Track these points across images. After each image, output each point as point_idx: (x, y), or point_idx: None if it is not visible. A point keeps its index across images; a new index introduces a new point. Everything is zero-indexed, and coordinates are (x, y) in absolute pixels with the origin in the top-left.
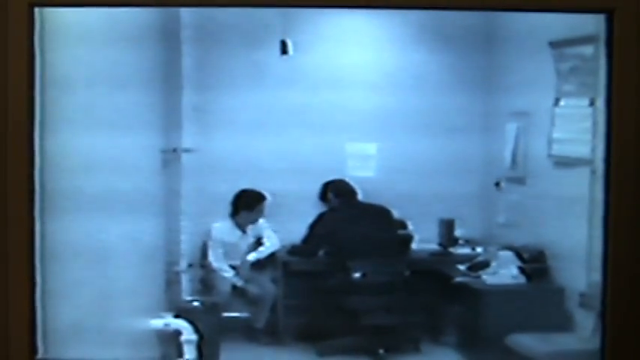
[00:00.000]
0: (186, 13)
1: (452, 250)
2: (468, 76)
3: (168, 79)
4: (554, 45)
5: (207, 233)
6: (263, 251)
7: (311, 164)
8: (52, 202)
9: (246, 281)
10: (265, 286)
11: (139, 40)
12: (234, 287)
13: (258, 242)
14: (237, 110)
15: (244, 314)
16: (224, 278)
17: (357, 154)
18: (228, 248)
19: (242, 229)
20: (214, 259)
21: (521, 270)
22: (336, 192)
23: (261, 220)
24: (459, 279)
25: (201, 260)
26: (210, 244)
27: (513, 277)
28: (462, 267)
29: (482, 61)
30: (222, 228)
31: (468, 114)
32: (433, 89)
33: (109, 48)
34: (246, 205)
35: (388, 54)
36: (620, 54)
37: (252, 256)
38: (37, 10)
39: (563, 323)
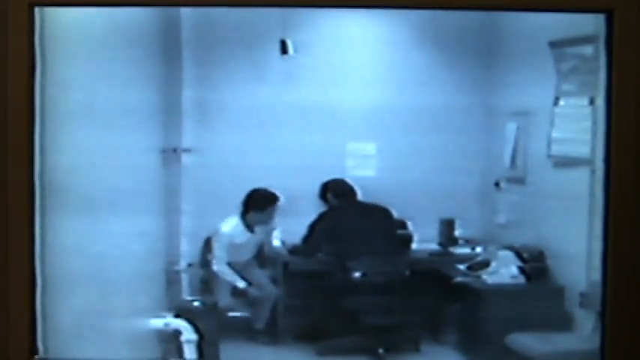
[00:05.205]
0: (186, 13)
1: (452, 249)
2: (467, 75)
3: (168, 79)
4: (554, 45)
5: (214, 231)
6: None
7: (311, 164)
8: (52, 201)
9: (247, 281)
10: (265, 286)
11: (139, 39)
12: (235, 287)
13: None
14: (236, 110)
15: (245, 314)
16: (224, 278)
17: (356, 153)
18: (234, 248)
19: (250, 229)
20: (216, 262)
21: (521, 270)
22: (335, 192)
23: (275, 232)
24: (458, 279)
25: (202, 259)
26: (215, 245)
27: (513, 276)
28: (461, 267)
29: (482, 60)
30: (230, 229)
31: (468, 114)
32: (433, 89)
33: (110, 48)
34: (257, 205)
35: (388, 54)
36: (619, 54)
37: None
38: (37, 9)
39: (563, 323)
